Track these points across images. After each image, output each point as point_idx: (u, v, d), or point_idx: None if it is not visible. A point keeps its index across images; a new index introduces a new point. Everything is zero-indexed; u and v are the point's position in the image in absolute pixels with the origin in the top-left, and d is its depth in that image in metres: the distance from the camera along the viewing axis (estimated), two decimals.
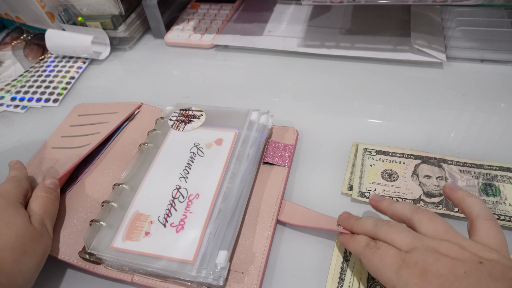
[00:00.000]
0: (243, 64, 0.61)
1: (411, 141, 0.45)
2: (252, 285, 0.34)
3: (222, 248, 0.34)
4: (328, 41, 0.60)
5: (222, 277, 0.33)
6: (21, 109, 0.59)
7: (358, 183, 0.41)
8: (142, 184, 0.41)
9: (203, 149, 0.43)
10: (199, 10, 0.72)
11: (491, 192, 0.39)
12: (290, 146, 0.45)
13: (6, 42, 0.74)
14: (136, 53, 0.68)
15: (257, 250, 0.36)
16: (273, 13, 0.69)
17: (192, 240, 0.35)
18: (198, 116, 0.47)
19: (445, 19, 0.60)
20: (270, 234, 0.37)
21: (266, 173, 0.43)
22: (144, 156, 0.44)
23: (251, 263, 0.35)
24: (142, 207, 0.39)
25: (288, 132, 0.47)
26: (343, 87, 0.54)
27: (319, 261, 0.36)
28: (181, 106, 0.49)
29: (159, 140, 0.45)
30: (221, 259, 0.33)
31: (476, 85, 0.51)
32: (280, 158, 0.44)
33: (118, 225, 0.37)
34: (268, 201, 0.40)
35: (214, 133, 0.45)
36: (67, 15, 0.66)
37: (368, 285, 0.33)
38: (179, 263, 0.34)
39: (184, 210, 0.38)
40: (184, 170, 0.41)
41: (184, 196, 0.39)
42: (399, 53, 0.56)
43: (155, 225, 0.37)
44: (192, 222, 0.37)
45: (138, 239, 0.36)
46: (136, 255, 0.35)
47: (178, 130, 0.46)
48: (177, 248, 0.35)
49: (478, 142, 0.44)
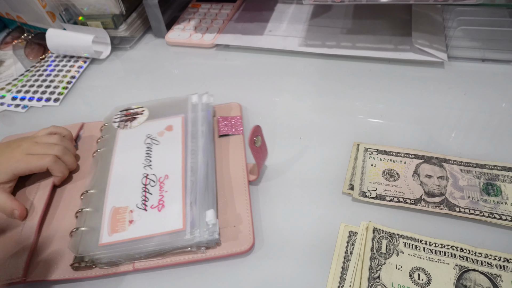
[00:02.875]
0: (244, 64, 0.61)
1: (412, 140, 0.45)
2: (246, 239, 0.37)
3: (207, 209, 0.38)
4: (329, 40, 0.60)
5: (215, 231, 0.36)
6: (22, 108, 0.59)
7: (359, 182, 0.41)
8: (109, 183, 0.42)
9: (156, 137, 0.46)
10: (200, 10, 0.72)
11: (492, 192, 0.38)
12: (237, 117, 0.50)
13: (7, 41, 0.74)
14: (137, 52, 0.68)
15: (240, 209, 0.40)
16: (274, 13, 0.69)
17: (177, 212, 0.38)
18: (141, 112, 0.50)
19: (446, 18, 0.60)
20: (247, 192, 0.41)
21: (225, 144, 0.47)
22: (101, 161, 0.45)
23: (240, 221, 0.39)
24: (117, 202, 0.40)
25: (233, 107, 0.52)
26: (344, 87, 0.54)
27: (320, 260, 0.36)
28: (120, 108, 0.51)
29: (110, 143, 0.47)
30: (210, 217, 0.37)
31: (478, 85, 0.51)
32: (233, 128, 0.48)
33: (99, 224, 0.38)
34: (236, 166, 0.44)
35: (162, 122, 0.48)
36: (68, 14, 0.66)
37: (369, 284, 0.33)
38: (171, 234, 0.36)
39: (159, 191, 0.41)
40: (146, 159, 0.44)
41: (155, 181, 0.42)
42: (400, 52, 0.56)
43: (136, 212, 0.39)
44: (171, 198, 0.40)
45: (124, 228, 0.38)
46: (128, 242, 0.36)
47: (125, 129, 0.48)
48: (165, 223, 0.37)
49: (480, 141, 0.44)
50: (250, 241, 0.37)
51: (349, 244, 0.36)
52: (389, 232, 0.36)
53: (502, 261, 0.34)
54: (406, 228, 0.37)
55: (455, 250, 0.34)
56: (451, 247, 0.35)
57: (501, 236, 0.36)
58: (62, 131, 0.48)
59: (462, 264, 0.34)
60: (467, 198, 0.38)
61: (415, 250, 0.35)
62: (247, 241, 0.37)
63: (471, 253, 0.34)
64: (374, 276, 0.34)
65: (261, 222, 0.40)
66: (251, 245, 0.37)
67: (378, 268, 0.34)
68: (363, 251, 0.35)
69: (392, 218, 0.38)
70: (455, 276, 0.33)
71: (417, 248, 0.35)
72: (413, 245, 0.35)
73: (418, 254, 0.35)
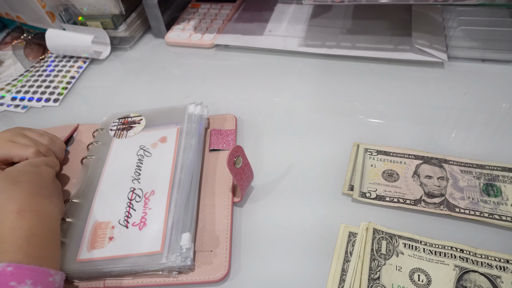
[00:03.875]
0: (244, 64, 0.61)
1: (412, 141, 0.45)
2: (221, 264, 0.36)
3: (184, 231, 0.36)
4: (329, 40, 0.60)
5: (189, 257, 0.35)
6: (21, 109, 0.59)
7: (359, 183, 0.41)
8: (96, 195, 0.41)
9: (149, 149, 0.45)
10: (199, 10, 0.72)
11: (492, 193, 0.38)
12: (231, 131, 0.48)
13: (7, 41, 0.74)
14: (137, 52, 0.68)
15: (220, 230, 0.38)
16: (274, 13, 0.69)
17: (157, 232, 0.37)
18: (138, 121, 0.49)
19: (446, 18, 0.60)
20: (229, 214, 0.39)
21: (214, 159, 0.45)
22: (91, 170, 0.44)
23: (217, 244, 0.37)
24: (100, 216, 0.39)
25: (227, 119, 0.50)
26: (344, 87, 0.54)
27: (320, 261, 0.36)
28: (118, 115, 0.50)
29: (102, 152, 0.46)
30: (185, 241, 0.35)
31: (478, 85, 0.51)
32: (224, 143, 0.47)
33: (80, 238, 0.38)
34: (221, 184, 0.42)
35: (157, 132, 0.47)
36: (67, 14, 0.66)
37: (369, 285, 0.33)
38: (148, 256, 0.35)
39: (143, 208, 0.39)
40: (135, 172, 0.43)
41: (140, 196, 0.40)
42: (400, 52, 0.56)
43: (117, 229, 0.38)
44: (153, 217, 0.38)
45: (103, 245, 0.37)
46: (104, 261, 0.35)
47: (121, 138, 0.47)
48: (144, 243, 0.36)
49: (480, 142, 0.44)
50: (225, 269, 0.35)
51: (349, 245, 0.36)
52: (389, 233, 0.36)
53: (502, 262, 0.33)
54: (406, 229, 0.37)
55: (455, 251, 0.34)
56: (451, 248, 0.35)
57: (501, 237, 0.36)
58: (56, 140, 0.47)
59: (462, 265, 0.34)
60: (467, 199, 0.38)
61: (415, 251, 0.35)
62: (221, 269, 0.36)
63: (471, 254, 0.34)
64: (374, 277, 0.34)
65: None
66: (225, 274, 0.35)
67: (378, 269, 0.34)
68: (363, 252, 0.35)
69: (392, 219, 0.38)
70: (455, 277, 0.33)
71: (417, 249, 0.35)
72: (413, 246, 0.35)
73: (418, 255, 0.35)
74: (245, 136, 0.49)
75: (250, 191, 0.43)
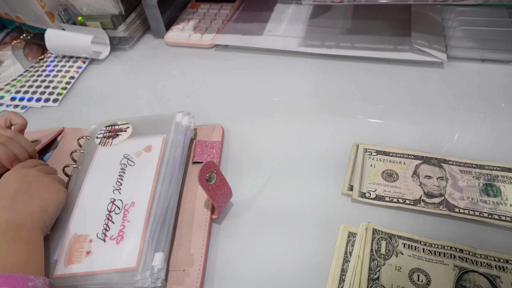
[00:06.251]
0: (243, 64, 0.61)
1: (411, 141, 0.45)
2: (192, 285, 0.35)
3: (157, 250, 0.35)
4: (328, 41, 0.60)
5: (160, 278, 0.34)
6: (21, 109, 0.59)
7: (359, 183, 0.41)
8: (76, 206, 0.40)
9: (133, 158, 0.44)
10: (199, 10, 0.72)
11: (492, 193, 0.38)
12: (217, 143, 0.47)
13: (6, 41, 0.74)
14: (136, 52, 0.67)
15: (195, 249, 0.37)
16: (273, 13, 0.69)
17: (133, 247, 0.36)
18: (125, 129, 0.48)
19: (446, 18, 0.60)
20: (206, 232, 0.38)
21: (196, 173, 0.41)
22: (72, 179, 0.43)
23: (191, 263, 0.36)
24: (79, 228, 0.38)
25: (215, 130, 0.49)
26: (343, 87, 0.54)
27: (319, 261, 0.36)
28: (106, 123, 0.49)
29: (85, 161, 0.45)
30: (157, 261, 0.34)
31: (477, 85, 0.51)
32: (208, 155, 0.45)
33: (57, 253, 0.37)
34: (202, 198, 0.41)
35: (142, 141, 0.46)
36: (67, 14, 0.66)
37: (369, 286, 0.33)
38: (123, 272, 0.34)
39: (122, 220, 0.38)
40: (117, 182, 0.41)
41: (120, 207, 0.39)
42: (400, 52, 0.56)
43: (95, 242, 0.37)
44: (131, 230, 0.37)
45: (80, 260, 0.36)
46: (80, 277, 0.35)
47: (105, 146, 0.46)
48: (120, 258, 0.35)
49: (479, 142, 0.44)
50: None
51: (348, 245, 0.36)
52: (388, 233, 0.36)
53: (502, 262, 0.33)
54: (406, 229, 0.37)
55: (455, 251, 0.34)
56: (450, 248, 0.35)
57: (500, 237, 0.36)
58: (16, 119, 0.45)
59: (461, 265, 0.34)
60: (466, 199, 0.38)
61: (414, 251, 0.35)
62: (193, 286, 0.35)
63: (471, 254, 0.34)
64: (374, 277, 0.33)
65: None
66: None
67: (377, 269, 0.34)
68: (363, 252, 0.35)
69: (391, 219, 0.38)
70: (455, 277, 0.33)
71: (417, 249, 0.35)
72: (413, 246, 0.35)
73: (417, 255, 0.35)
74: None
75: (229, 206, 0.41)
